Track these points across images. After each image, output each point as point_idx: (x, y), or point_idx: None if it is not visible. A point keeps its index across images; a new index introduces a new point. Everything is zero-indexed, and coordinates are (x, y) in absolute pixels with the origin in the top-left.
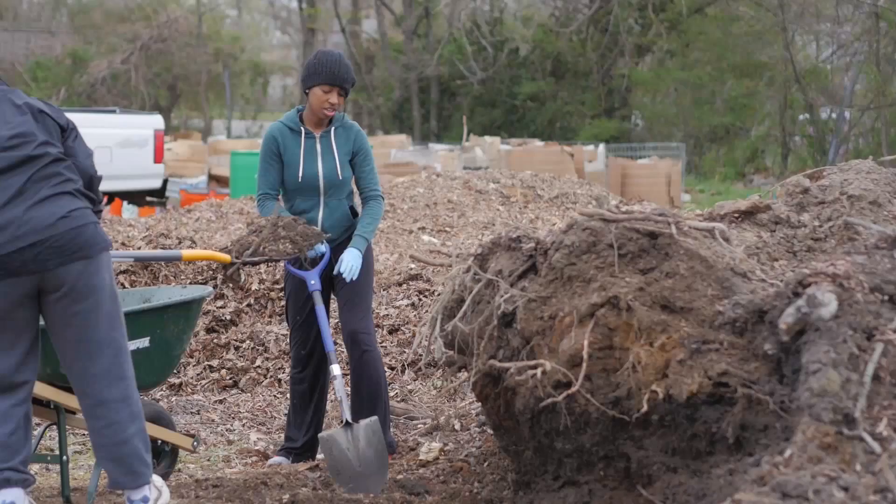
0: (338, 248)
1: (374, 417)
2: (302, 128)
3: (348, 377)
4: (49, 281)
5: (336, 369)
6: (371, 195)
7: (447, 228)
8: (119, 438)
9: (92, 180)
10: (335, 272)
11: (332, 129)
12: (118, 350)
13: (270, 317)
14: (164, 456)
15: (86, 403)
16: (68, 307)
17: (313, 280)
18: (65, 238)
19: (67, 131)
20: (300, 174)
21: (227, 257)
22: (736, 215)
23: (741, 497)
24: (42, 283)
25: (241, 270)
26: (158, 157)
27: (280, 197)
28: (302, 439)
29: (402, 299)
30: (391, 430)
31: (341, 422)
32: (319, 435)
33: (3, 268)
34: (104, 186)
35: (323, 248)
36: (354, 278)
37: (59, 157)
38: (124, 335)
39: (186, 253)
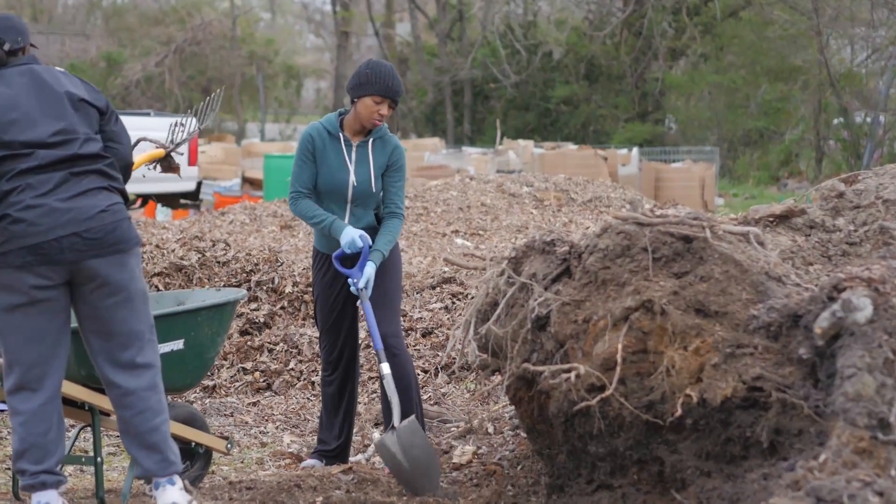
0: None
1: (412, 417)
2: (341, 134)
3: (383, 380)
4: (83, 272)
5: (385, 368)
6: (394, 212)
7: (480, 232)
8: (150, 426)
9: (128, 167)
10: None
11: (371, 140)
12: (145, 342)
13: (304, 319)
14: (198, 458)
15: (115, 394)
16: (101, 299)
17: (356, 279)
18: (103, 231)
19: (107, 115)
20: (331, 180)
21: (159, 151)
22: (770, 219)
23: (775, 501)
24: (76, 274)
25: (172, 159)
26: (192, 160)
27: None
28: (334, 443)
29: (435, 302)
30: (425, 433)
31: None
32: (374, 441)
33: (40, 254)
34: (137, 188)
35: (360, 242)
36: (368, 292)
37: (100, 153)
38: (152, 328)
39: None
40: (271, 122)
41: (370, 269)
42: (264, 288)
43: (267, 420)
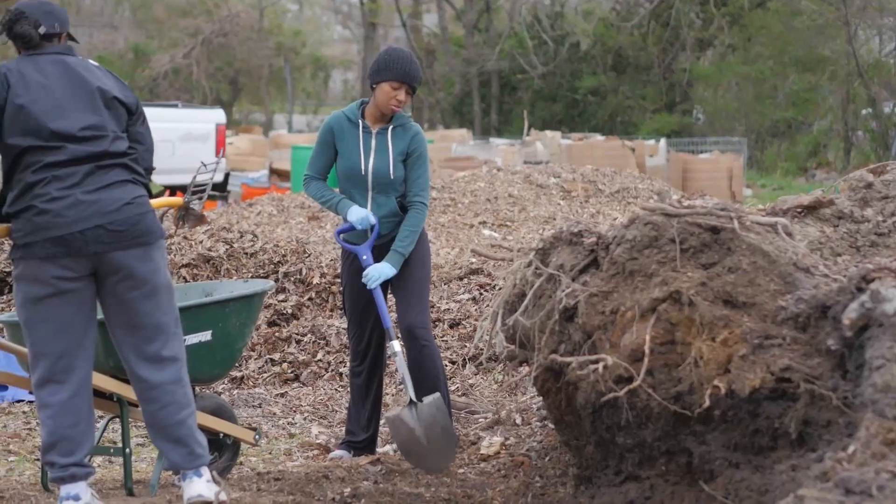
0: (385, 245)
1: (437, 394)
2: (360, 122)
3: (394, 357)
4: (107, 264)
5: (396, 345)
6: (415, 201)
7: (508, 223)
8: (176, 419)
9: (148, 170)
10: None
11: (391, 127)
12: (170, 335)
13: (332, 310)
14: (226, 449)
15: (140, 387)
16: (125, 292)
17: (365, 255)
18: (127, 223)
19: (135, 115)
20: (350, 167)
21: (177, 200)
22: (798, 210)
23: (804, 493)
24: (101, 266)
25: (193, 212)
26: (220, 151)
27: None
28: (362, 434)
29: (462, 293)
30: (453, 423)
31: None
32: (386, 416)
33: (65, 246)
34: (166, 180)
35: (373, 219)
36: (370, 287)
37: (127, 151)
38: (178, 321)
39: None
40: (299, 113)
41: (382, 268)
42: (292, 279)
43: (295, 411)
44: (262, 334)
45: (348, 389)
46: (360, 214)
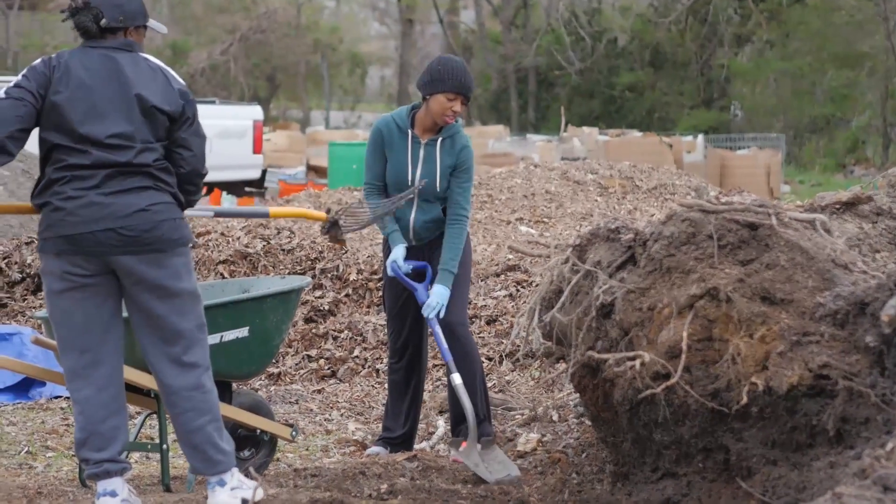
0: (428, 246)
1: (499, 451)
2: (409, 131)
3: (455, 390)
4: (119, 267)
5: (456, 378)
6: (457, 216)
7: (545, 219)
8: (192, 427)
9: (195, 174)
10: (423, 312)
11: (440, 139)
12: (192, 341)
13: (368, 307)
14: (263, 445)
15: (162, 391)
16: (139, 295)
17: (424, 299)
18: (138, 230)
19: (180, 121)
20: (398, 176)
21: (320, 214)
22: (837, 206)
23: (842, 490)
24: (114, 268)
25: (339, 229)
26: (257, 148)
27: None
28: (399, 430)
29: (499, 290)
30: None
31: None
32: (459, 451)
33: (75, 245)
34: None
35: (402, 269)
36: (441, 316)
37: (152, 162)
38: (202, 327)
39: (274, 210)
40: (336, 109)
41: (440, 293)
42: (329, 275)
43: (332, 407)
44: (299, 331)
45: (385, 386)
46: (393, 258)
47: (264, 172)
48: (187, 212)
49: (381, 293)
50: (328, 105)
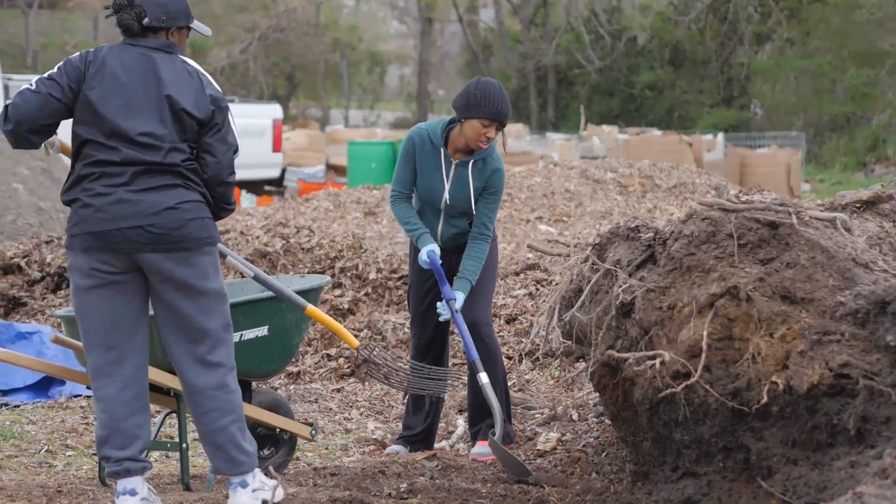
0: (450, 251)
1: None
2: (442, 149)
3: (483, 388)
4: (146, 264)
5: (483, 377)
6: (481, 234)
7: (564, 218)
8: (215, 427)
9: (215, 181)
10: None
11: (472, 160)
12: (217, 341)
13: (388, 306)
14: (283, 444)
15: (185, 390)
16: (166, 293)
17: (450, 292)
18: (166, 228)
19: (208, 126)
20: (427, 191)
21: (353, 340)
22: (857, 205)
23: (863, 490)
24: (142, 265)
25: (369, 367)
26: (277, 147)
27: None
28: (419, 427)
29: (519, 289)
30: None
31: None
32: (490, 442)
33: (102, 241)
34: None
35: (430, 265)
36: (444, 318)
37: (181, 162)
38: (227, 327)
39: (311, 309)
40: (355, 108)
41: (458, 299)
42: (348, 274)
43: (351, 406)
44: (319, 329)
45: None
46: (426, 255)
47: (284, 171)
48: (230, 259)
49: (400, 292)
50: (347, 104)
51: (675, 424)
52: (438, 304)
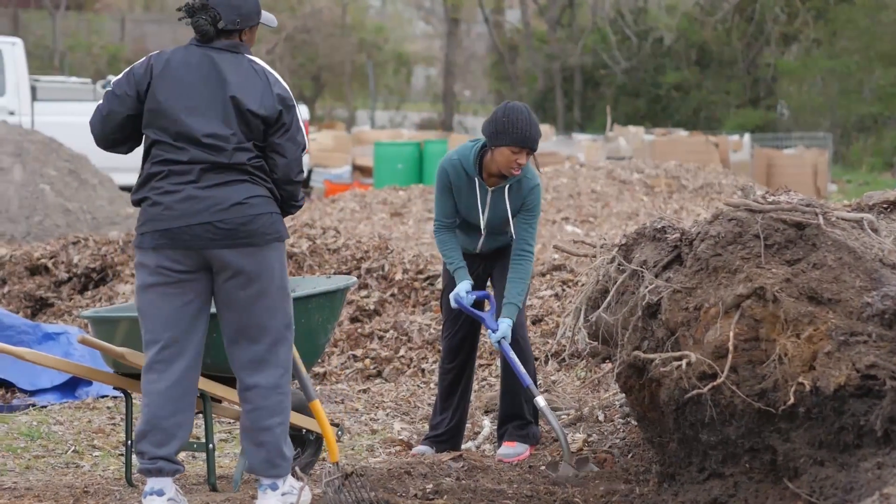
0: (491, 253)
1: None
2: (477, 178)
3: (542, 411)
4: (216, 260)
5: (541, 401)
6: (523, 251)
7: (591, 219)
8: (262, 424)
9: (284, 181)
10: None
11: (507, 185)
12: (278, 339)
13: (414, 307)
14: (309, 445)
15: (239, 386)
16: (232, 290)
17: (494, 327)
18: (234, 223)
19: (275, 126)
20: (466, 218)
21: (335, 453)
22: (885, 206)
23: (890, 491)
24: (211, 262)
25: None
26: None
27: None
28: (445, 426)
29: (545, 290)
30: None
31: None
32: (558, 473)
33: (174, 239)
34: None
35: (465, 301)
36: (494, 341)
37: (246, 161)
38: (289, 326)
39: (315, 405)
40: (381, 109)
41: (506, 326)
42: (374, 275)
43: (377, 407)
44: (345, 330)
45: (430, 386)
46: (457, 291)
47: (310, 172)
48: None
49: (426, 293)
50: (373, 104)
51: (701, 425)
52: (490, 336)
